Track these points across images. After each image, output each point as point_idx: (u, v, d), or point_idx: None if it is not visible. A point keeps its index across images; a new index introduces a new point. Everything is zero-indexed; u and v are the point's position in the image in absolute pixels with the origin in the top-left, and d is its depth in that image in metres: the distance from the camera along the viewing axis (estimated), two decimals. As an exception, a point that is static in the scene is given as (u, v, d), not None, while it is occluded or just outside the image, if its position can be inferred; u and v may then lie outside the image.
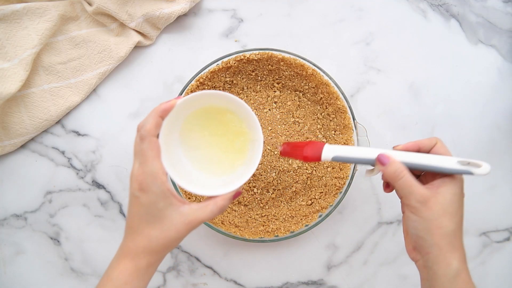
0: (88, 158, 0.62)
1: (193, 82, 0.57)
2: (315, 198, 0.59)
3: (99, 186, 0.61)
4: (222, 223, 0.57)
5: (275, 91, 0.61)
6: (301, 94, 0.60)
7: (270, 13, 0.64)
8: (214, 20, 0.63)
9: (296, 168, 0.60)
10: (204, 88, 0.58)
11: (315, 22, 0.64)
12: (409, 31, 0.64)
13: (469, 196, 0.63)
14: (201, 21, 0.63)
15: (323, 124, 0.60)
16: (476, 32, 0.64)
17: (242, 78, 0.60)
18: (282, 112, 0.61)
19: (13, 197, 0.61)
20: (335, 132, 0.59)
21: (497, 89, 0.64)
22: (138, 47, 0.62)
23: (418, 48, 0.64)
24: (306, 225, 0.57)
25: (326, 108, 0.59)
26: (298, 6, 0.64)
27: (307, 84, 0.59)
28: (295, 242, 0.62)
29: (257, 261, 0.62)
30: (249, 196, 0.60)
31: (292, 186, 0.60)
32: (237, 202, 0.60)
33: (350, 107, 0.57)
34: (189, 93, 0.57)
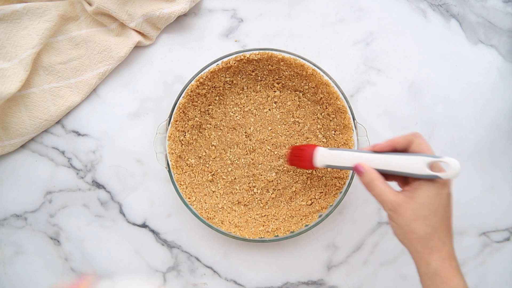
0: (88, 158, 0.62)
1: (193, 82, 0.57)
2: (315, 198, 0.59)
3: (99, 186, 0.61)
4: (222, 223, 0.57)
5: (275, 91, 0.61)
6: (301, 94, 0.60)
7: (270, 13, 0.64)
8: (214, 20, 0.63)
9: (296, 168, 0.60)
10: (204, 88, 0.58)
11: (315, 22, 0.64)
12: (409, 31, 0.64)
13: (469, 196, 0.63)
14: (201, 21, 0.63)
15: (323, 124, 0.60)
16: (476, 32, 0.64)
17: (242, 78, 0.60)
18: (282, 112, 0.61)
19: (13, 197, 0.61)
20: (335, 132, 0.59)
21: (497, 89, 0.64)
22: (138, 47, 0.62)
23: (418, 48, 0.64)
24: (306, 225, 0.57)
25: (326, 108, 0.59)
26: (298, 6, 0.64)
27: (307, 84, 0.59)
28: (295, 242, 0.62)
29: (257, 261, 0.62)
30: (249, 196, 0.60)
31: (292, 186, 0.60)
32: (237, 202, 0.60)
33: (350, 107, 0.57)
34: (189, 93, 0.57)
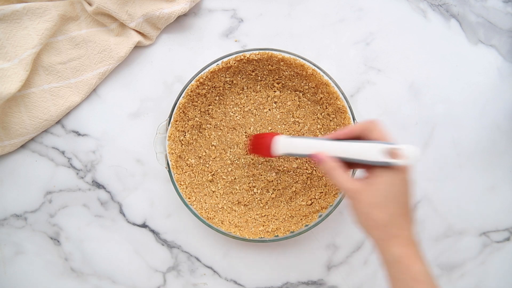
0: (88, 158, 0.62)
1: (193, 82, 0.57)
2: (315, 198, 0.59)
3: (99, 186, 0.61)
4: (222, 223, 0.57)
5: (275, 91, 0.61)
6: (301, 94, 0.60)
7: (270, 13, 0.64)
8: (214, 20, 0.63)
9: (296, 168, 0.60)
10: (204, 88, 0.58)
11: (315, 22, 0.64)
12: (409, 31, 0.64)
13: (469, 196, 0.63)
14: (201, 21, 0.63)
15: (323, 124, 0.60)
16: (476, 32, 0.64)
17: (242, 78, 0.60)
18: (282, 112, 0.61)
19: (13, 197, 0.61)
20: (335, 132, 0.59)
21: (497, 89, 0.64)
22: (138, 47, 0.62)
23: (418, 48, 0.64)
24: (306, 225, 0.57)
25: (326, 108, 0.59)
26: (298, 6, 0.64)
27: (307, 84, 0.59)
28: (295, 242, 0.62)
29: (257, 261, 0.62)
30: (249, 196, 0.60)
31: (292, 186, 0.60)
32: (237, 202, 0.60)
33: (350, 107, 0.57)
34: (189, 93, 0.57)
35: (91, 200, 0.61)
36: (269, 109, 0.61)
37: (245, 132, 0.60)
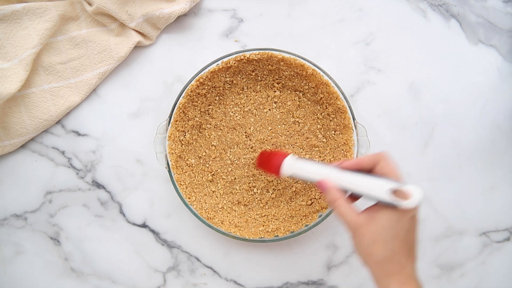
0: (88, 158, 0.62)
1: (193, 82, 0.57)
2: (315, 198, 0.59)
3: (99, 186, 0.61)
4: (222, 223, 0.57)
5: (275, 91, 0.61)
6: (301, 94, 0.60)
7: (270, 13, 0.64)
8: (214, 20, 0.63)
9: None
10: (204, 88, 0.58)
11: (315, 22, 0.64)
12: (409, 31, 0.64)
13: (469, 196, 0.63)
14: (201, 21, 0.63)
15: (323, 124, 0.60)
16: (476, 32, 0.64)
17: (242, 78, 0.60)
18: (282, 112, 0.61)
19: (13, 197, 0.61)
20: (335, 132, 0.59)
21: (497, 89, 0.64)
22: (138, 47, 0.62)
23: (418, 48, 0.64)
24: (306, 225, 0.57)
25: (326, 108, 0.59)
26: (298, 6, 0.64)
27: (307, 84, 0.59)
28: (295, 242, 0.62)
29: (257, 261, 0.62)
30: (249, 196, 0.60)
31: (292, 186, 0.60)
32: (237, 202, 0.60)
33: (350, 107, 0.57)
34: (189, 93, 0.57)
35: (91, 200, 0.61)
36: (269, 109, 0.61)
37: (245, 132, 0.60)
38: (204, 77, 0.57)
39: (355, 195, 0.44)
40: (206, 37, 0.63)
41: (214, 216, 0.58)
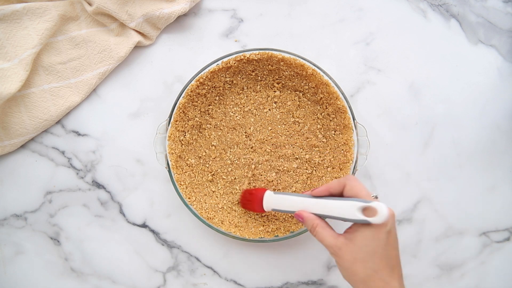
0: (88, 158, 0.62)
1: (193, 82, 0.57)
2: (315, 198, 0.59)
3: (99, 186, 0.61)
4: (222, 223, 0.57)
5: (275, 91, 0.61)
6: (301, 94, 0.60)
7: (270, 13, 0.64)
8: (214, 20, 0.64)
9: (296, 168, 0.60)
10: (204, 88, 0.58)
11: (315, 22, 0.64)
12: (409, 31, 0.64)
13: (469, 196, 0.63)
14: (201, 21, 0.63)
15: (323, 124, 0.60)
16: (476, 32, 0.64)
17: (242, 78, 0.60)
18: (282, 112, 0.61)
19: (13, 197, 0.61)
20: (335, 132, 0.59)
21: (497, 89, 0.64)
22: (138, 47, 0.62)
23: (418, 48, 0.64)
24: (306, 225, 0.57)
25: (326, 108, 0.59)
26: (298, 6, 0.64)
27: (307, 84, 0.59)
28: (295, 242, 0.62)
29: (257, 261, 0.62)
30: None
31: (292, 186, 0.60)
32: (237, 202, 0.60)
33: (350, 107, 0.57)
34: (189, 93, 0.57)
35: (91, 200, 0.61)
36: (269, 109, 0.61)
37: (245, 132, 0.60)
38: (204, 77, 0.57)
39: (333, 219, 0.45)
40: (206, 37, 0.63)
41: (214, 216, 0.58)
